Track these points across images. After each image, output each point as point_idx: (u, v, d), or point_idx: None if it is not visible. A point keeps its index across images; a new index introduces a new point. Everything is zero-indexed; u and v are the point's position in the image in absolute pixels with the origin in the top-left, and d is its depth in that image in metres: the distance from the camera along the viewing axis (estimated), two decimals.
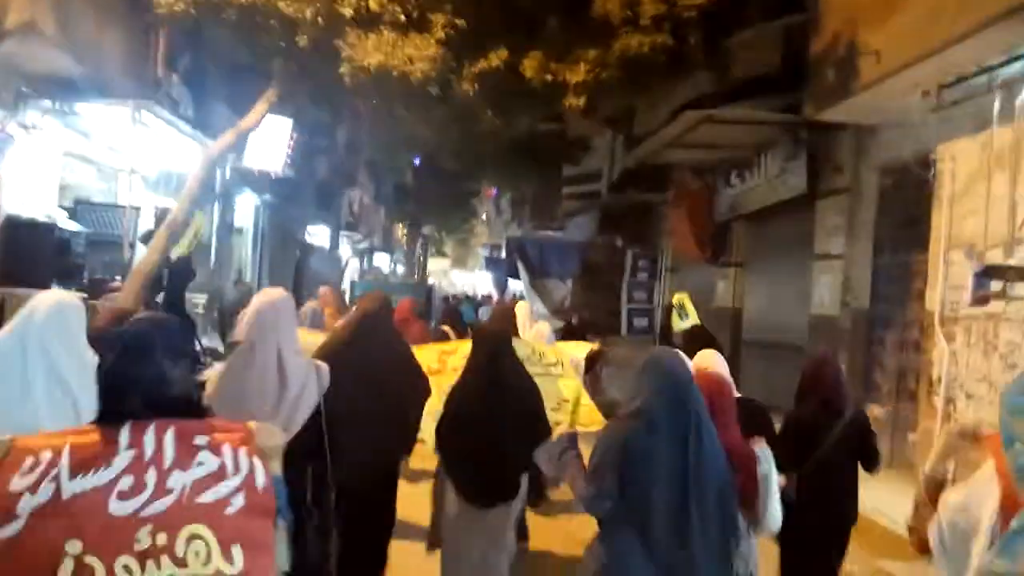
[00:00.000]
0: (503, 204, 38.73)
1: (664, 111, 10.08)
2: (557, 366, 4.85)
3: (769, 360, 9.21)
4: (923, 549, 2.17)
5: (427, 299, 12.51)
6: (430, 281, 28.75)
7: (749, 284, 10.25)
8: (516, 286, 16.89)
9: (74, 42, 7.63)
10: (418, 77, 6.36)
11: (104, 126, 9.20)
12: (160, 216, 9.08)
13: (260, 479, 1.55)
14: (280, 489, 1.62)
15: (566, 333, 9.33)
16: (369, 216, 32.56)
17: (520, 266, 13.18)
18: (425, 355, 4.37)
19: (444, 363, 4.48)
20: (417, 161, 43.97)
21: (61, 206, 10.34)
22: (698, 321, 5.40)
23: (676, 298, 5.64)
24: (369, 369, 3.39)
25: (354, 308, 3.95)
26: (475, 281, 44.38)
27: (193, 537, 1.45)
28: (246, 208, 17.27)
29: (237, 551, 1.48)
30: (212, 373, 2.93)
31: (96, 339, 2.31)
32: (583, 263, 13.49)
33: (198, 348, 9.40)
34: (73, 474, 1.44)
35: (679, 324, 5.49)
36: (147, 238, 8.92)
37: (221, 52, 8.43)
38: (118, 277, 8.00)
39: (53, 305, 2.39)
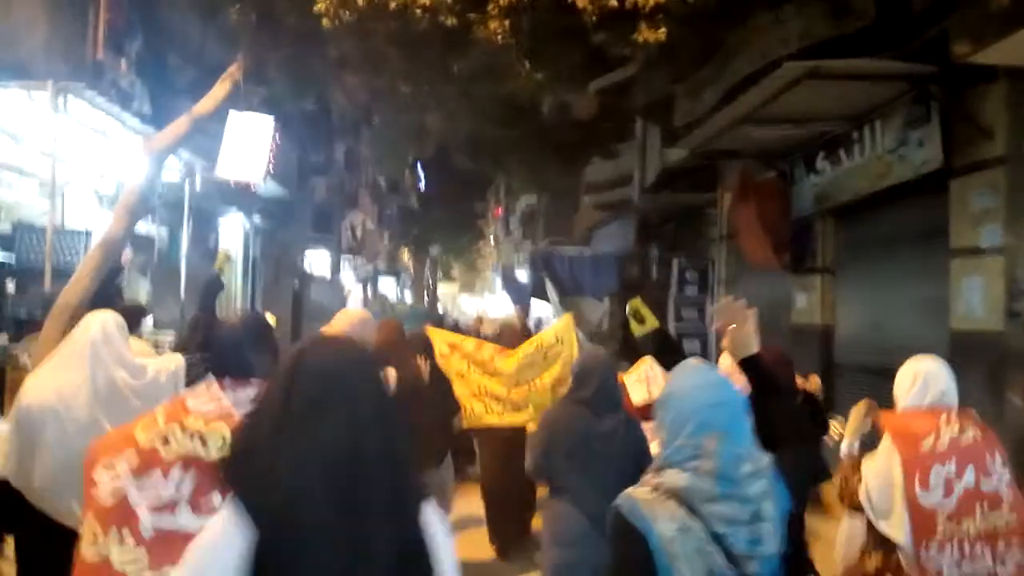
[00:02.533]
0: (512, 223, 36.95)
1: (712, 93, 8.25)
2: (556, 346, 5.70)
3: (882, 390, 7.14)
4: (853, 506, 2.76)
5: (438, 327, 10.53)
6: (440, 307, 26.68)
7: (844, 294, 8.21)
8: (541, 309, 14.89)
9: None
10: (422, 12, 4.46)
11: (31, 123, 7.33)
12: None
13: None
14: None
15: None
16: (373, 240, 30.72)
17: (548, 284, 11.20)
18: (438, 341, 5.64)
19: (454, 349, 5.60)
20: (422, 184, 42.31)
21: None
22: (656, 324, 5.45)
23: (631, 304, 5.72)
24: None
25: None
26: (485, 306, 42.38)
27: (219, 434, 2.07)
28: (233, 232, 15.37)
29: None
30: None
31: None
32: (621, 278, 11.50)
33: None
34: (185, 385, 2.71)
35: (638, 329, 5.52)
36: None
37: (171, 19, 6.63)
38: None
39: (98, 321, 2.88)
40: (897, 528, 2.56)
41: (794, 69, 5.86)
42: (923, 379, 2.80)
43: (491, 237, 45.30)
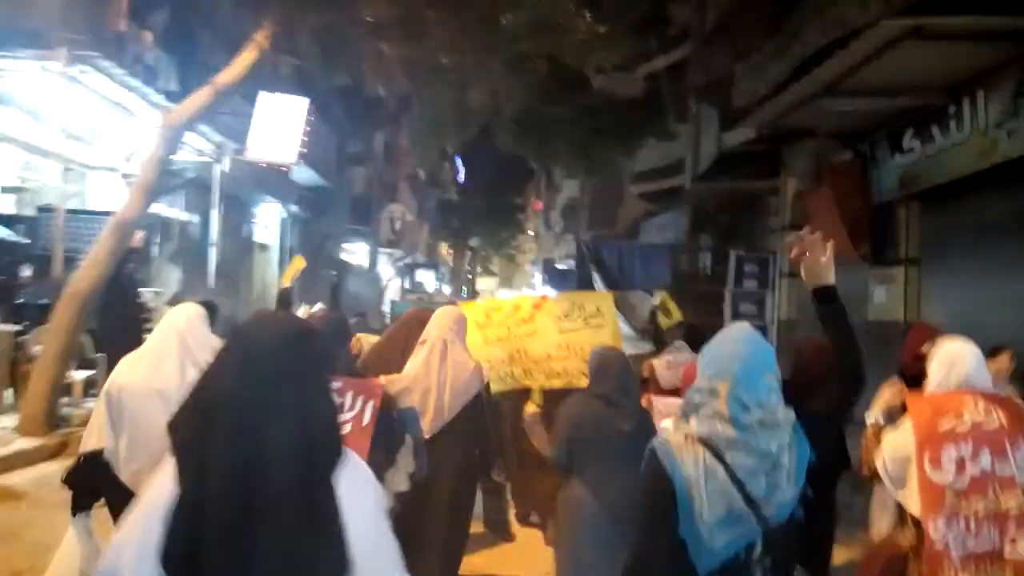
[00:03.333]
0: (553, 217, 36.24)
1: (780, 67, 7.52)
2: (596, 317, 5.67)
3: None
4: (872, 475, 2.97)
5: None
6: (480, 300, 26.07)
7: (931, 288, 7.37)
8: None
9: None
10: None
11: (52, 102, 6.91)
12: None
13: (366, 418, 2.59)
14: (409, 417, 3.23)
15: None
16: (412, 232, 30.32)
17: (596, 276, 10.48)
18: (473, 312, 5.50)
19: (490, 318, 5.53)
20: (462, 176, 41.78)
21: (16, 216, 8.10)
22: (681, 318, 6.29)
23: (659, 297, 6.55)
24: None
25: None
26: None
27: None
28: (270, 221, 15.00)
29: None
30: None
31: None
32: (674, 271, 10.73)
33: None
34: None
35: (665, 322, 6.14)
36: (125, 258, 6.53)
37: None
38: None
39: (183, 313, 3.08)
40: (911, 499, 2.70)
41: (892, 28, 5.08)
42: (951, 362, 2.86)
43: (531, 231, 44.64)
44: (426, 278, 28.87)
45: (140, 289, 7.22)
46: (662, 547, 1.90)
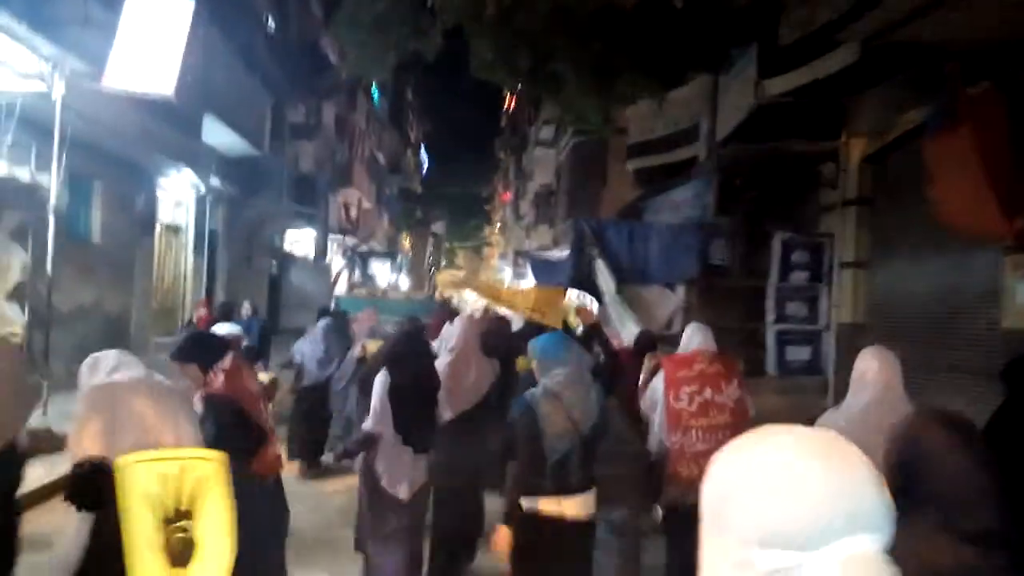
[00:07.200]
0: (524, 207, 33.68)
1: None
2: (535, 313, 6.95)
3: None
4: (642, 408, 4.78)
5: (445, 323, 7.27)
6: (445, 297, 23.01)
7: None
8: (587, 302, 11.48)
9: None
10: None
11: None
12: None
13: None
14: None
15: None
16: (369, 220, 27.44)
17: (600, 266, 7.88)
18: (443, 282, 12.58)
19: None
20: (425, 166, 38.79)
21: None
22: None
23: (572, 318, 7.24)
24: None
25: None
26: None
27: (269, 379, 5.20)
28: (182, 197, 12.06)
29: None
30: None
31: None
32: (702, 259, 8.18)
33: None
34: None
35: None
36: None
37: None
38: None
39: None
40: (659, 420, 4.46)
41: None
42: (689, 335, 4.62)
43: (498, 223, 42.10)
44: (381, 269, 25.97)
45: None
46: (531, 449, 3.53)
